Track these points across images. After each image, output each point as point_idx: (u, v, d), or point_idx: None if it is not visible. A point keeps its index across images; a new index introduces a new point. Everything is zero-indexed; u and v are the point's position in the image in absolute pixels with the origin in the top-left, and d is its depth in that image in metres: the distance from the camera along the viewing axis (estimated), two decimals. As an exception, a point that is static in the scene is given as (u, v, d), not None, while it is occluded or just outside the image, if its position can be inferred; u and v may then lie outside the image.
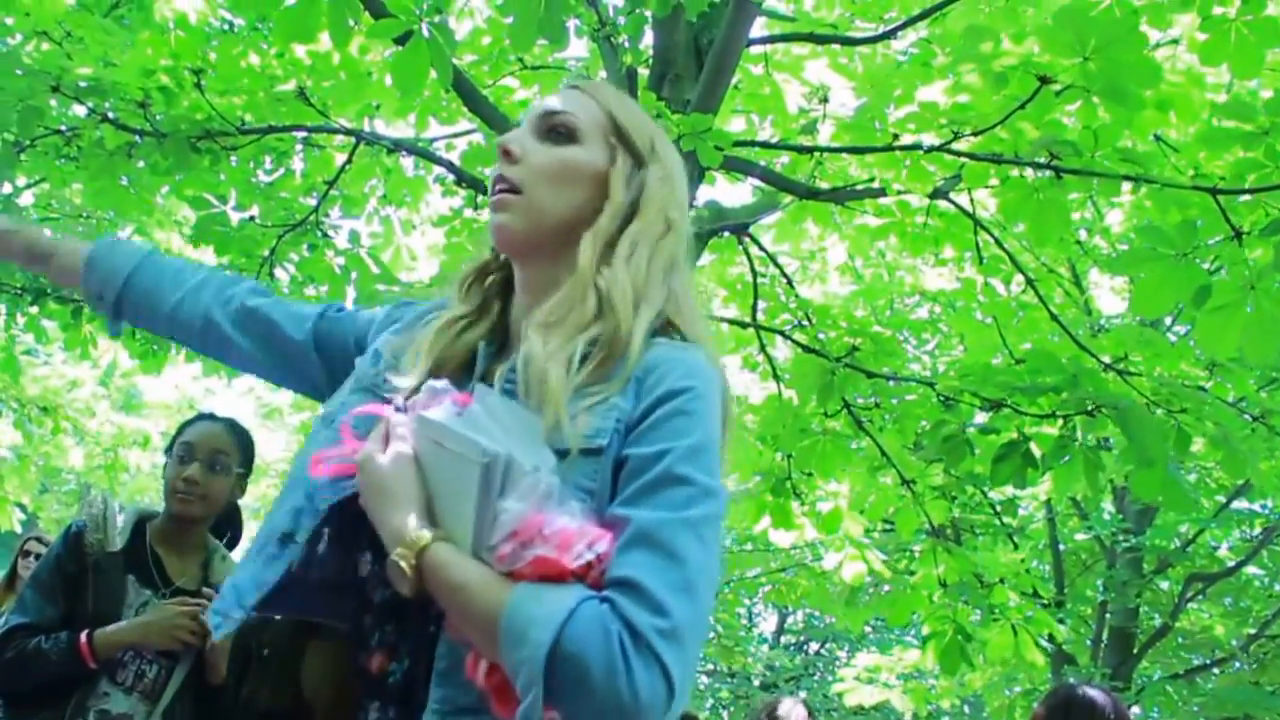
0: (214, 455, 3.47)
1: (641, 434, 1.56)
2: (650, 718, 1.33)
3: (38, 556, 6.44)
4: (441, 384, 1.69)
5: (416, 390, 1.71)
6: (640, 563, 1.42)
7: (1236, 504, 13.92)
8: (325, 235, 6.54)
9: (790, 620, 25.33)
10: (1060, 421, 5.19)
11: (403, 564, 1.49)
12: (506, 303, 1.88)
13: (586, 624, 1.35)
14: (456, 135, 7.53)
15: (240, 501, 3.75)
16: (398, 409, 1.67)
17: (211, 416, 3.66)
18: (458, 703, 1.53)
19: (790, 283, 7.43)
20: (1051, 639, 10.35)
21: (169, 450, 3.53)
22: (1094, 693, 3.98)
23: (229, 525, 3.75)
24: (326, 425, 1.82)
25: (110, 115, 5.55)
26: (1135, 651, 14.46)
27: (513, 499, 1.47)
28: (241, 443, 3.59)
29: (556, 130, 1.81)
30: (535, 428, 1.57)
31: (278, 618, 3.64)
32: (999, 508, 13.38)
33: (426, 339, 1.83)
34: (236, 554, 3.75)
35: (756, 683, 22.57)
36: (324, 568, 1.76)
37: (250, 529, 3.70)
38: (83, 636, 3.12)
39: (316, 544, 1.74)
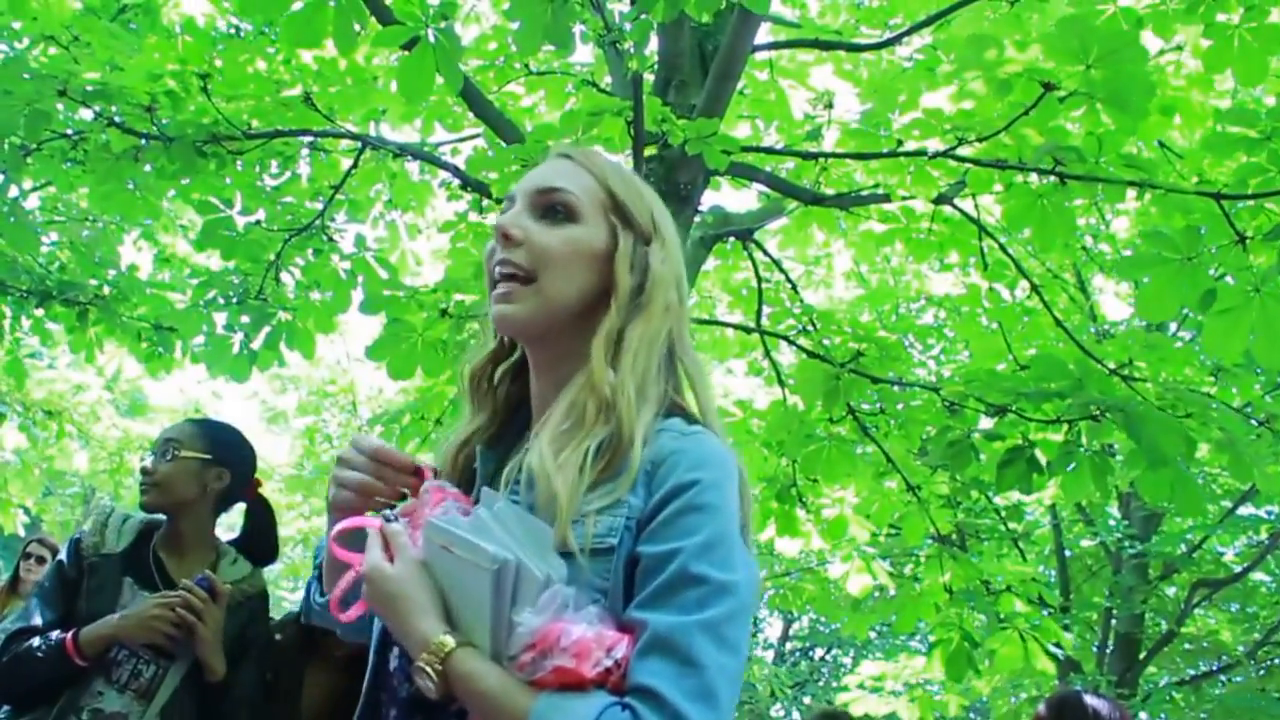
0: (165, 444, 3.47)
1: (653, 532, 1.57)
2: None
3: (40, 559, 6.46)
4: (438, 482, 1.72)
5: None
6: (658, 670, 1.45)
7: (1242, 510, 13.90)
8: (331, 240, 6.55)
9: (796, 626, 25.29)
10: (1065, 427, 5.20)
11: (429, 670, 1.51)
12: (520, 383, 1.88)
13: None
14: (462, 140, 7.53)
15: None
16: (389, 519, 1.68)
17: (189, 418, 3.71)
18: None
19: (795, 288, 7.45)
20: (1059, 646, 10.34)
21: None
22: (1095, 700, 3.97)
23: (258, 538, 3.74)
24: None
25: (117, 119, 5.56)
26: (1141, 658, 14.45)
27: (528, 612, 1.49)
28: (205, 432, 3.56)
29: (554, 209, 1.77)
30: (543, 535, 1.57)
31: (283, 643, 3.71)
32: (1004, 514, 13.37)
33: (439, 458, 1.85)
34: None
35: (760, 688, 22.53)
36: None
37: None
38: (69, 635, 3.13)
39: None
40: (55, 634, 3.15)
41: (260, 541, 3.73)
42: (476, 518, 1.58)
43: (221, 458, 3.55)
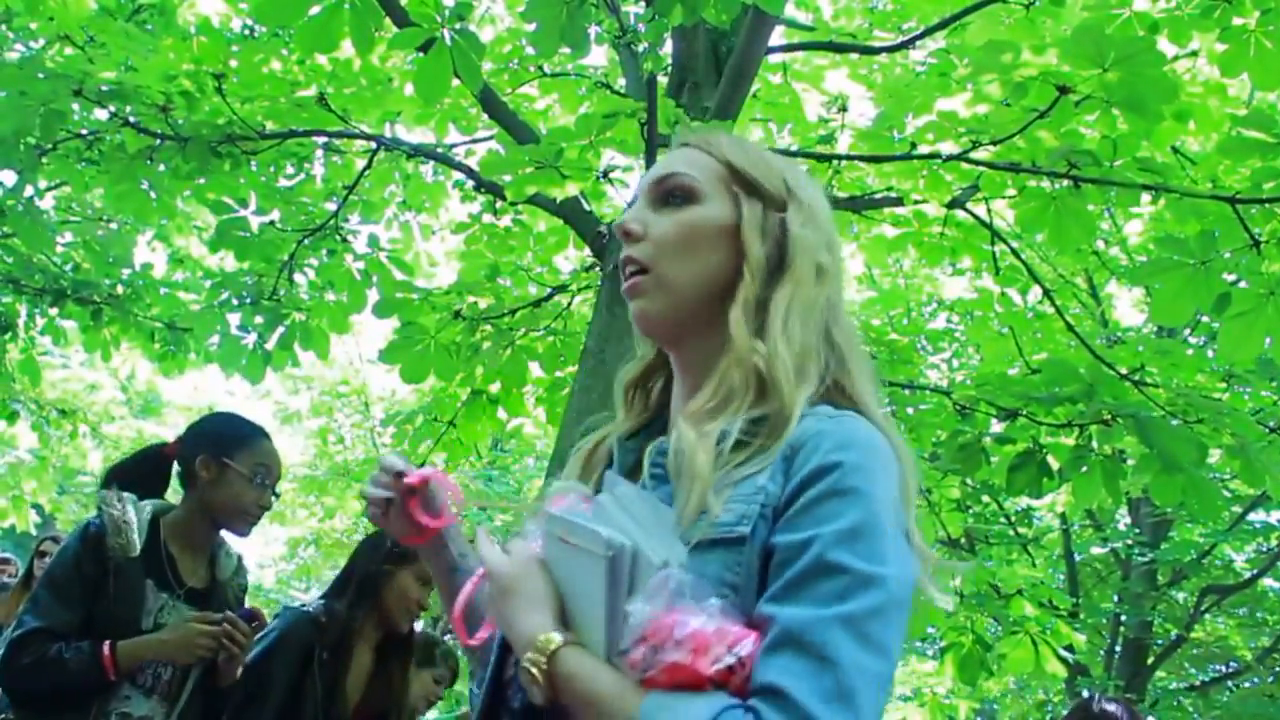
0: (278, 479, 3.48)
1: (789, 520, 1.39)
2: None
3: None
4: (566, 484, 1.62)
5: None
6: (787, 668, 1.27)
7: (1252, 516, 13.89)
8: (344, 240, 6.56)
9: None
10: (1076, 431, 5.20)
11: (534, 670, 1.40)
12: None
13: None
14: (476, 141, 7.54)
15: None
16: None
17: (262, 431, 3.59)
18: None
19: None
20: (1070, 649, 10.33)
21: (225, 456, 3.46)
22: (1110, 706, 3.98)
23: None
24: None
25: (132, 119, 5.58)
26: (1149, 663, 14.44)
27: (640, 599, 1.35)
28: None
29: (672, 194, 1.67)
30: (667, 518, 1.45)
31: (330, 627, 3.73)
32: (1013, 518, 13.37)
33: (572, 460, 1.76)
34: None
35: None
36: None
37: (270, 530, 3.72)
38: (105, 648, 3.10)
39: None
40: (86, 644, 3.12)
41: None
42: (598, 504, 1.48)
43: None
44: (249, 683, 3.48)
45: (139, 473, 3.54)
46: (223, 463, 3.37)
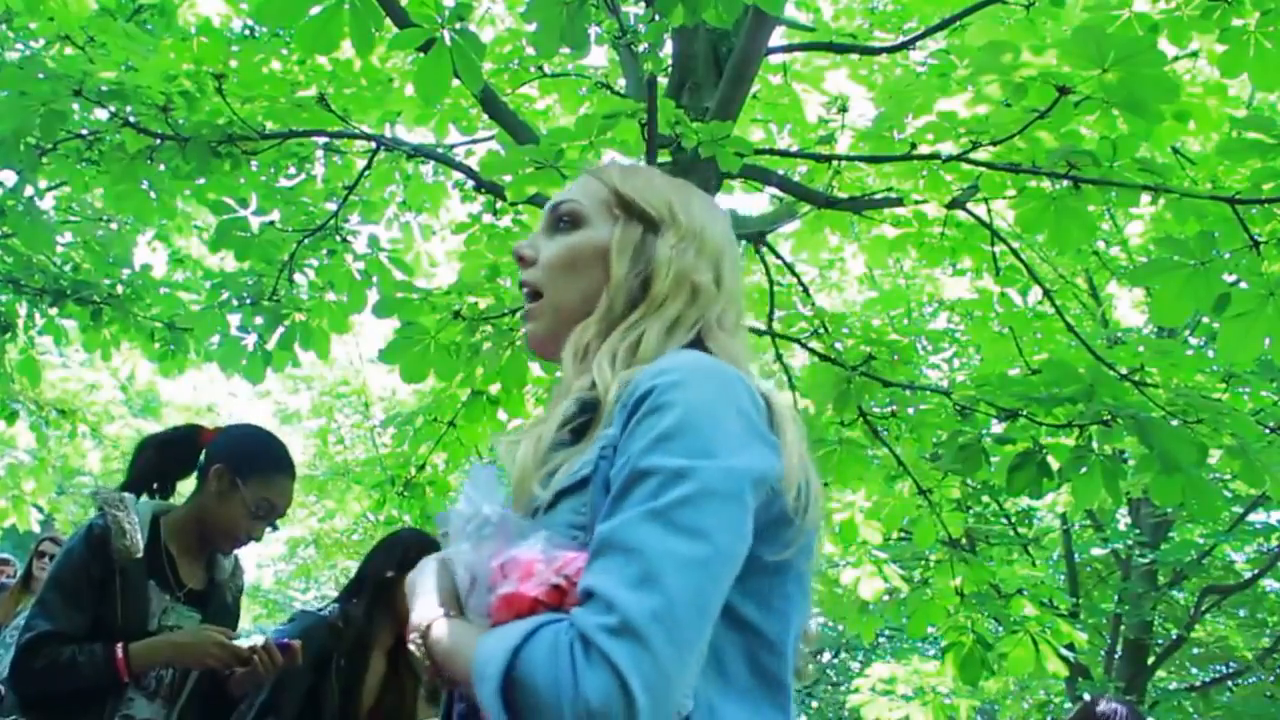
0: (280, 516, 3.48)
1: (619, 451, 1.44)
2: None
3: (52, 558, 6.47)
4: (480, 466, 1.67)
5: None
6: (597, 569, 1.30)
7: (1252, 516, 13.91)
8: (345, 240, 6.56)
9: (804, 630, 25.21)
10: (1076, 432, 5.20)
11: (414, 649, 1.49)
12: None
13: (537, 647, 1.26)
14: (476, 142, 7.55)
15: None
16: None
17: (289, 465, 3.55)
18: None
19: (807, 291, 7.45)
20: (1072, 648, 10.33)
21: (237, 474, 3.37)
22: (1114, 705, 3.98)
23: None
24: None
25: (132, 119, 5.57)
26: (1150, 663, 14.45)
27: (465, 544, 1.45)
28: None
29: (561, 220, 1.77)
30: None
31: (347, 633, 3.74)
32: (1014, 519, 13.39)
33: None
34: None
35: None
36: None
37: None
38: (119, 651, 3.10)
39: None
40: (99, 646, 3.12)
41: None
42: (463, 491, 1.55)
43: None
44: (266, 689, 3.49)
45: (171, 448, 3.56)
46: (234, 482, 3.37)
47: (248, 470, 3.39)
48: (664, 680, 1.23)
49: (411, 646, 1.48)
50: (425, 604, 1.52)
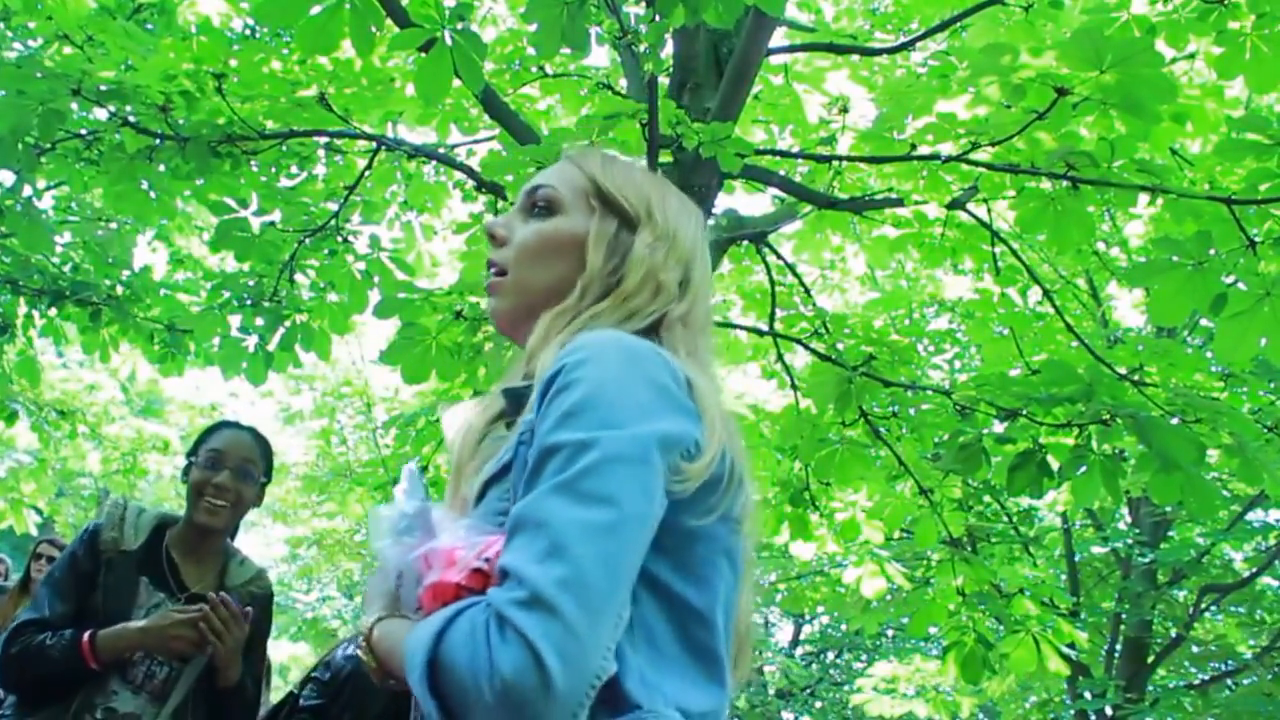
0: (244, 464, 3.48)
1: (535, 433, 1.45)
2: (524, 695, 1.21)
3: (50, 560, 6.48)
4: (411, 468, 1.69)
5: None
6: (511, 547, 1.32)
7: (1250, 515, 13.92)
8: (346, 241, 6.55)
9: (807, 630, 25.25)
10: (1076, 431, 5.21)
11: (360, 654, 1.51)
12: None
13: (457, 630, 1.29)
14: (477, 141, 7.54)
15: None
16: None
17: (237, 424, 3.66)
18: None
19: (808, 291, 7.45)
20: (1073, 647, 10.34)
21: (192, 454, 3.53)
22: None
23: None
24: None
25: (131, 119, 5.57)
26: (1149, 661, 14.45)
27: (387, 540, 1.49)
28: (265, 452, 3.60)
29: (537, 204, 1.78)
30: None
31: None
32: (1015, 518, 13.39)
33: None
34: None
35: (772, 691, 22.53)
36: None
37: (272, 530, 3.72)
38: (85, 636, 3.13)
39: None
40: (69, 632, 3.15)
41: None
42: (396, 492, 1.58)
43: (270, 475, 3.61)
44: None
45: None
46: (190, 463, 3.49)
47: (196, 446, 3.55)
48: (577, 645, 1.24)
49: (358, 652, 1.54)
50: (370, 613, 1.55)
